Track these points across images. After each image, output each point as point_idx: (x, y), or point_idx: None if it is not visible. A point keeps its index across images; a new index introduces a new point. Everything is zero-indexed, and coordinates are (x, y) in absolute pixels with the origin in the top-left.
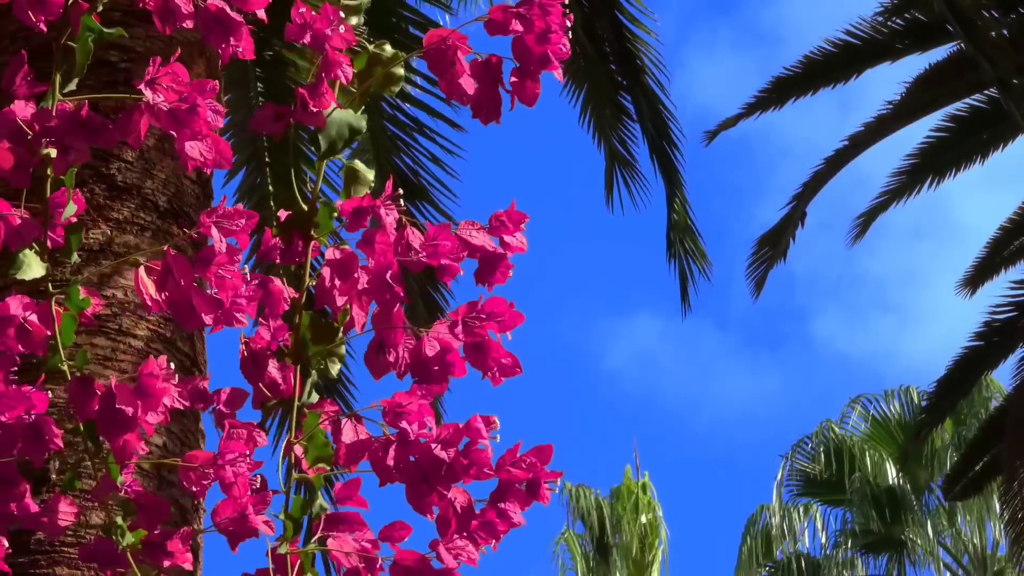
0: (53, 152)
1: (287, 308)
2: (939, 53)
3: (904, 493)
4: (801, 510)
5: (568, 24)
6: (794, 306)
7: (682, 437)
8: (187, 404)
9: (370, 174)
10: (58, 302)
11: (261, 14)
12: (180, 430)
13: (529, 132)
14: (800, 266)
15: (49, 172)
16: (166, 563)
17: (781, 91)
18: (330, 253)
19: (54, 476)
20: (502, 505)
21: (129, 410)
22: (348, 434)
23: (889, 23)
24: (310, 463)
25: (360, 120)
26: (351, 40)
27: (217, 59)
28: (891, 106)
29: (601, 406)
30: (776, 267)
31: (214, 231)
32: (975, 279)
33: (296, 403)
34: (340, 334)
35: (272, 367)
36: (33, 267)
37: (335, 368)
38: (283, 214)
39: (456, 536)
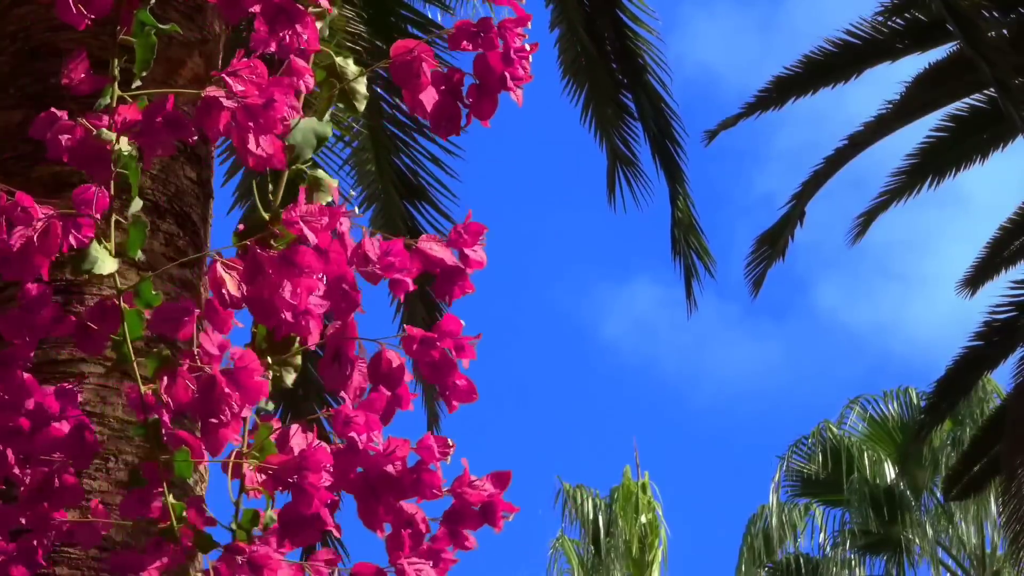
0: (126, 147)
1: (233, 324)
2: (939, 53)
3: (902, 493)
4: (800, 510)
5: (529, 49)
6: (795, 275)
7: (682, 412)
8: None
9: (333, 183)
10: (126, 299)
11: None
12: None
13: (530, 132)
14: (801, 234)
15: (119, 168)
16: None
17: (781, 90)
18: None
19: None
20: (456, 526)
21: (236, 399)
22: (297, 442)
23: (889, 23)
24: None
25: (325, 127)
26: (316, 48)
27: (217, 58)
28: (891, 106)
29: (598, 381)
30: (775, 265)
31: (307, 230)
32: (975, 279)
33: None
34: (296, 345)
35: None
36: (106, 263)
37: (290, 378)
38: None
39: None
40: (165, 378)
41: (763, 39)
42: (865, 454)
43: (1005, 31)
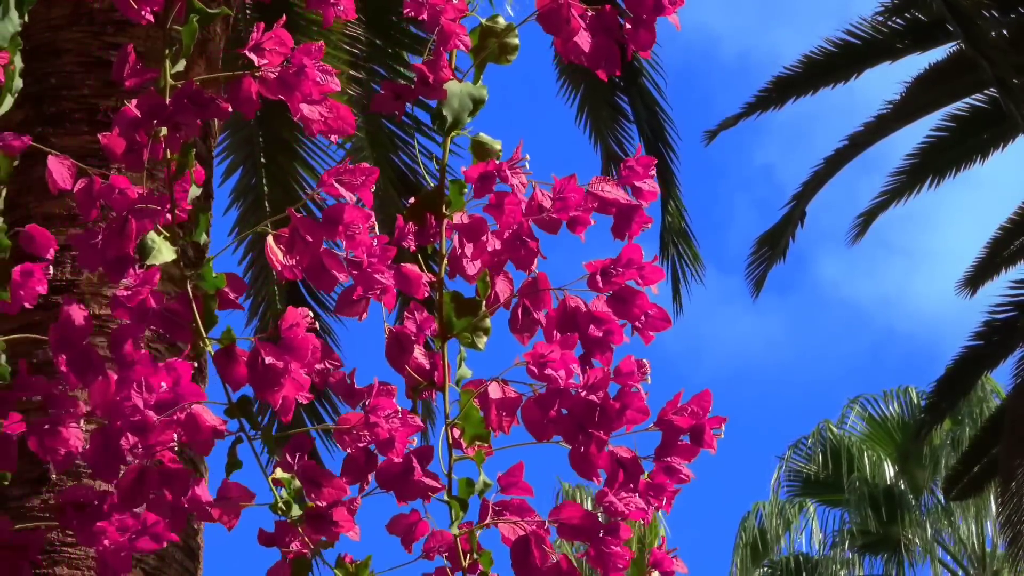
0: (163, 131)
1: (427, 292)
2: (939, 53)
3: (902, 493)
4: (797, 508)
5: None
6: (797, 249)
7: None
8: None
9: (497, 144)
10: (194, 284)
11: None
12: None
13: (527, 131)
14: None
15: (169, 155)
16: (334, 532)
17: (781, 90)
18: (458, 219)
19: (54, 476)
20: (668, 460)
21: (278, 364)
22: (495, 393)
23: (889, 23)
24: (467, 442)
25: (481, 90)
26: (464, 10)
27: (218, 59)
28: (891, 106)
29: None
30: (776, 265)
31: (342, 189)
32: (975, 279)
33: (447, 384)
34: (483, 307)
35: (417, 351)
36: (163, 251)
37: (482, 342)
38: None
39: (623, 489)
40: (219, 359)
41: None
42: (865, 454)
43: (1005, 31)
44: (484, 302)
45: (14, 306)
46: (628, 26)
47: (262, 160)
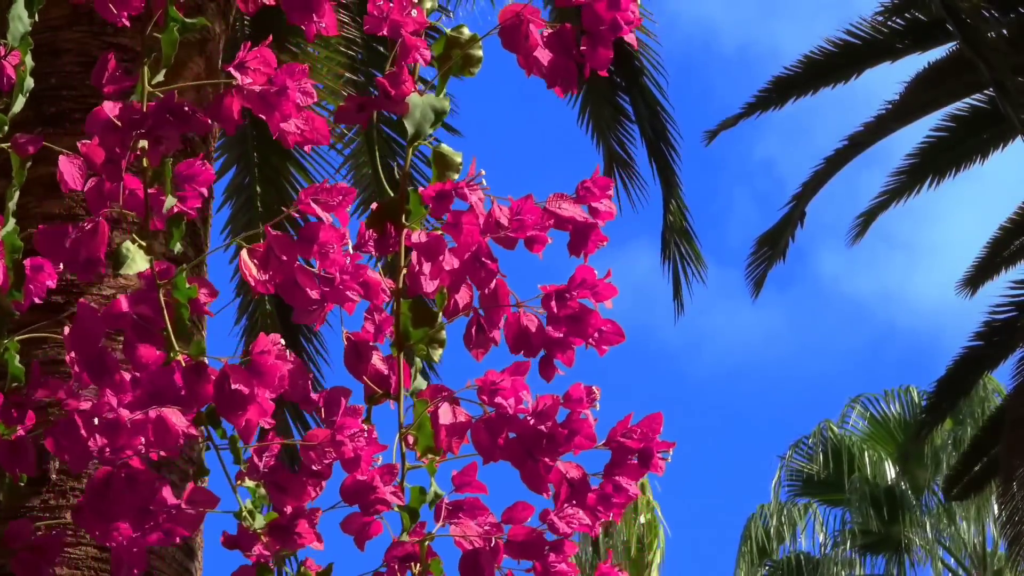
0: (145, 144)
1: (387, 298)
2: (939, 53)
3: (903, 493)
4: (800, 509)
5: None
6: (797, 243)
7: (682, 385)
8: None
9: (458, 156)
10: (166, 293)
11: None
12: None
13: (528, 132)
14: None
15: (145, 164)
16: (297, 544)
17: (781, 91)
18: (415, 237)
19: (54, 476)
20: (616, 477)
21: (245, 389)
22: (445, 416)
23: (889, 23)
24: (420, 452)
25: (444, 102)
26: (424, 23)
27: (217, 59)
28: (891, 106)
29: (594, 355)
30: (775, 266)
31: (318, 208)
32: (975, 279)
33: (403, 393)
34: (440, 318)
35: (376, 359)
36: (137, 261)
37: (437, 353)
38: (374, 205)
39: (567, 506)
40: (188, 374)
41: None
42: (866, 453)
43: (1004, 31)
44: (442, 312)
45: (25, 303)
46: (584, 46)
47: (255, 159)
